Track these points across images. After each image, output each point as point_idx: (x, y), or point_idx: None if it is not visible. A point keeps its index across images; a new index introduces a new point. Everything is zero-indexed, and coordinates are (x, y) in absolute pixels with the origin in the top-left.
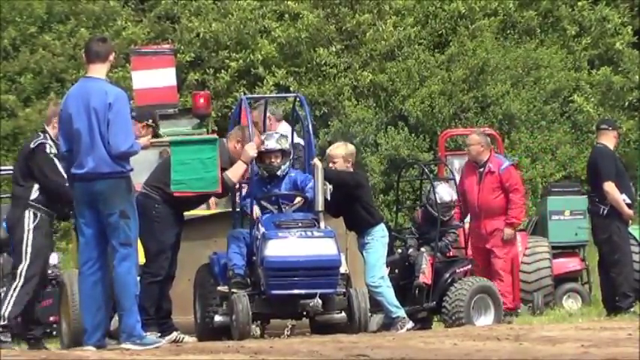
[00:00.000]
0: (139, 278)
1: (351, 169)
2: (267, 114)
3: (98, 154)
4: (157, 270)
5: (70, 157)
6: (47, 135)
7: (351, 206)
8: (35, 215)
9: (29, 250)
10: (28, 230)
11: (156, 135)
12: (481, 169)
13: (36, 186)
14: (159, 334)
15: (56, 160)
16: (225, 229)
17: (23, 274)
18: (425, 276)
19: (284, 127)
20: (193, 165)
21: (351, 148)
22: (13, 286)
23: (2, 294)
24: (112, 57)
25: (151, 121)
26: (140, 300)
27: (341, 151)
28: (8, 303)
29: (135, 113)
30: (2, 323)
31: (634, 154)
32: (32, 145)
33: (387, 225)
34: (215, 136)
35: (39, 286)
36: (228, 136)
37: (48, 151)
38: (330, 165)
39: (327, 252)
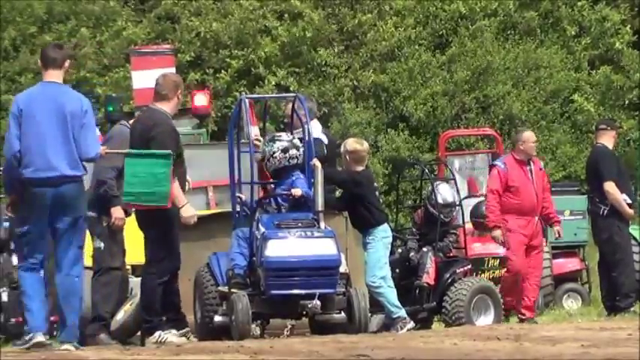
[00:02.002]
0: (139, 279)
1: (359, 168)
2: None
3: (71, 157)
4: (164, 271)
5: (21, 158)
6: None
7: (353, 205)
8: None
9: None
10: None
11: None
12: (529, 167)
13: None
14: (178, 332)
15: None
16: (225, 229)
17: None
18: (429, 276)
19: (314, 125)
20: (146, 179)
21: (350, 146)
22: None
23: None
24: (67, 63)
25: None
26: (150, 302)
27: (342, 148)
28: None
29: None
30: None
31: (634, 154)
32: None
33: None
34: (169, 151)
35: None
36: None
37: None
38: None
39: (327, 252)
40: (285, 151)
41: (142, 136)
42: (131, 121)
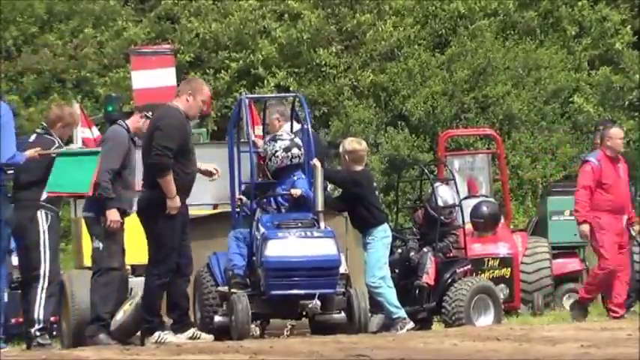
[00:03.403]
0: (139, 279)
1: (358, 168)
2: (276, 115)
3: None
4: (165, 272)
5: None
6: (54, 139)
7: (353, 205)
8: (47, 215)
9: (47, 250)
10: (44, 231)
11: None
12: (619, 164)
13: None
14: (175, 333)
15: None
16: (225, 229)
17: (47, 274)
18: (429, 276)
19: (287, 128)
20: (71, 173)
21: (349, 146)
22: (39, 288)
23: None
24: None
25: (150, 113)
26: (151, 303)
27: (341, 148)
28: (39, 305)
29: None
30: (38, 327)
31: (634, 154)
32: None
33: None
34: (97, 149)
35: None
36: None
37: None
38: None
39: (327, 252)
40: (287, 150)
41: (150, 127)
42: (128, 120)
